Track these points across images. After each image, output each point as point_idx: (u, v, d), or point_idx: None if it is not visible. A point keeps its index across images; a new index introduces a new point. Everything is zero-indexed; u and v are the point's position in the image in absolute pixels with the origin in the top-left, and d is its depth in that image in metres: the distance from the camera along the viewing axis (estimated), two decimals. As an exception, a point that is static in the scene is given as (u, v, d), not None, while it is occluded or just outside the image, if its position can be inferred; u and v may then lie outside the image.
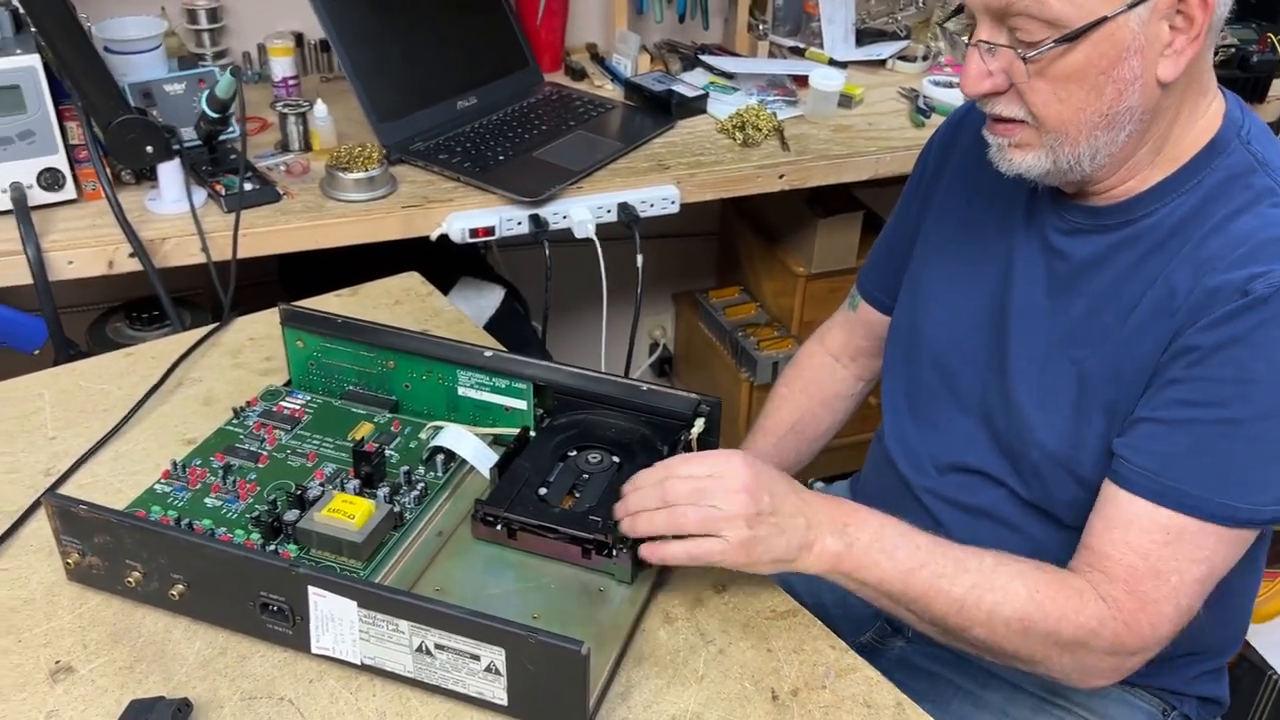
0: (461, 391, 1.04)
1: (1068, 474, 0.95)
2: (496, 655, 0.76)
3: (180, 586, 0.83)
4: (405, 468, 0.97)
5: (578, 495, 0.94)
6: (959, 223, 1.07)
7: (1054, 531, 1.00)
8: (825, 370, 1.28)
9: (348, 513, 0.88)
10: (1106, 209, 0.93)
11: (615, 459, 0.98)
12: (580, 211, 1.49)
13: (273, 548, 0.89)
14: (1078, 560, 0.90)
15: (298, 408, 1.06)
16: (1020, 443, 0.98)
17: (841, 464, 2.22)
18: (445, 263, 1.67)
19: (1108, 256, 0.93)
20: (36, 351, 1.31)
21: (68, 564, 0.87)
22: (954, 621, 0.88)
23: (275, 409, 1.06)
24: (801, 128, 1.75)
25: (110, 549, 0.84)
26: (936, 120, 1.78)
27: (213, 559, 0.81)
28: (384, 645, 0.79)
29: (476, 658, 0.76)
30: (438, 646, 0.77)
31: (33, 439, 1.06)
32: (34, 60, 1.28)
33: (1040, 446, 0.96)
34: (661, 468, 0.86)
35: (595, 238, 1.48)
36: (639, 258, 1.52)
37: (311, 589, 0.78)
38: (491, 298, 1.75)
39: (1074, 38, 0.82)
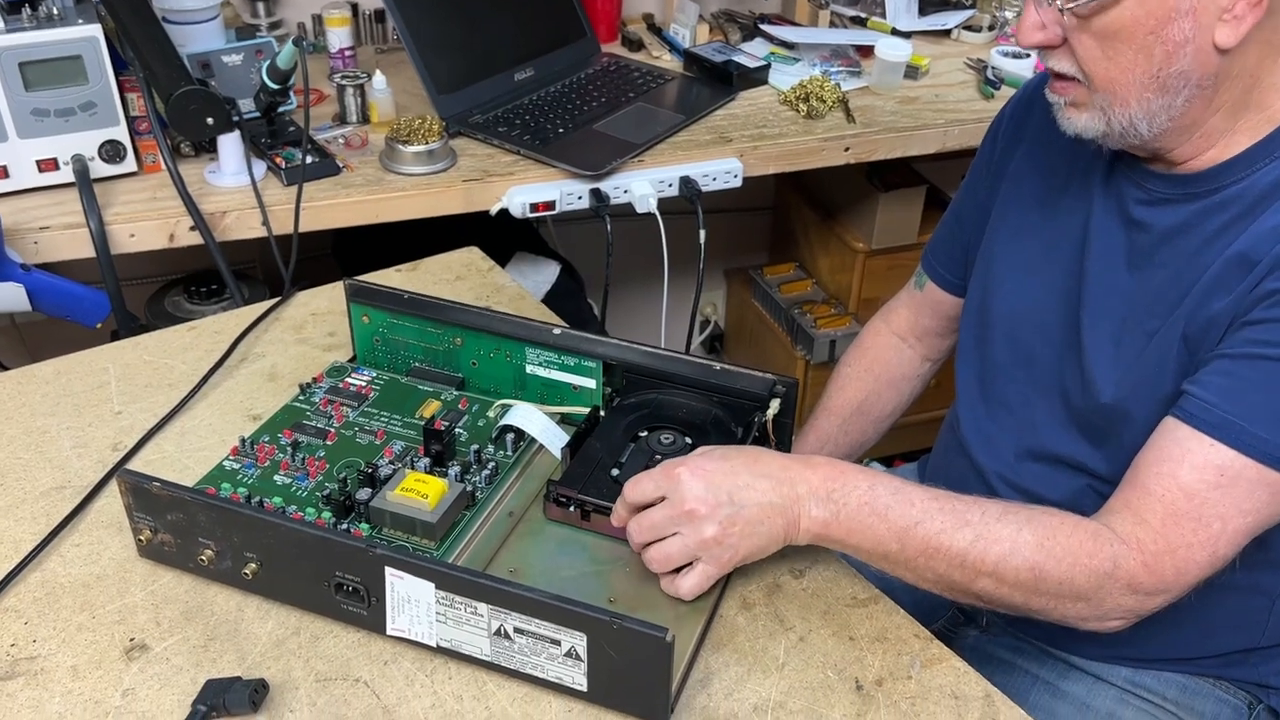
0: (529, 369, 1.02)
1: None
2: (578, 640, 0.74)
3: (253, 565, 0.82)
4: (475, 446, 0.96)
5: None
6: (1033, 199, 1.04)
7: None
8: (891, 350, 1.25)
9: (421, 492, 0.86)
10: (1193, 177, 0.90)
11: (688, 440, 0.95)
12: (642, 185, 1.46)
13: (344, 526, 0.88)
14: (1116, 497, 0.86)
15: (364, 384, 1.04)
16: (1102, 419, 0.95)
17: (902, 444, 2.19)
18: (500, 237, 1.65)
19: (1192, 224, 0.90)
20: (99, 325, 1.31)
21: (139, 541, 0.86)
22: (958, 577, 0.83)
23: (341, 385, 1.04)
24: (866, 99, 1.70)
25: (183, 526, 0.83)
26: (1006, 92, 1.73)
27: (287, 538, 0.80)
28: (461, 628, 0.77)
29: (557, 642, 0.75)
30: (517, 630, 0.75)
31: (99, 413, 1.05)
32: (95, 30, 1.26)
33: (1129, 424, 0.92)
34: (620, 503, 0.85)
35: (657, 212, 1.45)
36: (701, 233, 1.49)
37: (389, 570, 0.77)
38: (547, 273, 1.73)
39: None
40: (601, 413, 0.99)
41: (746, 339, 2.33)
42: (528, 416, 0.97)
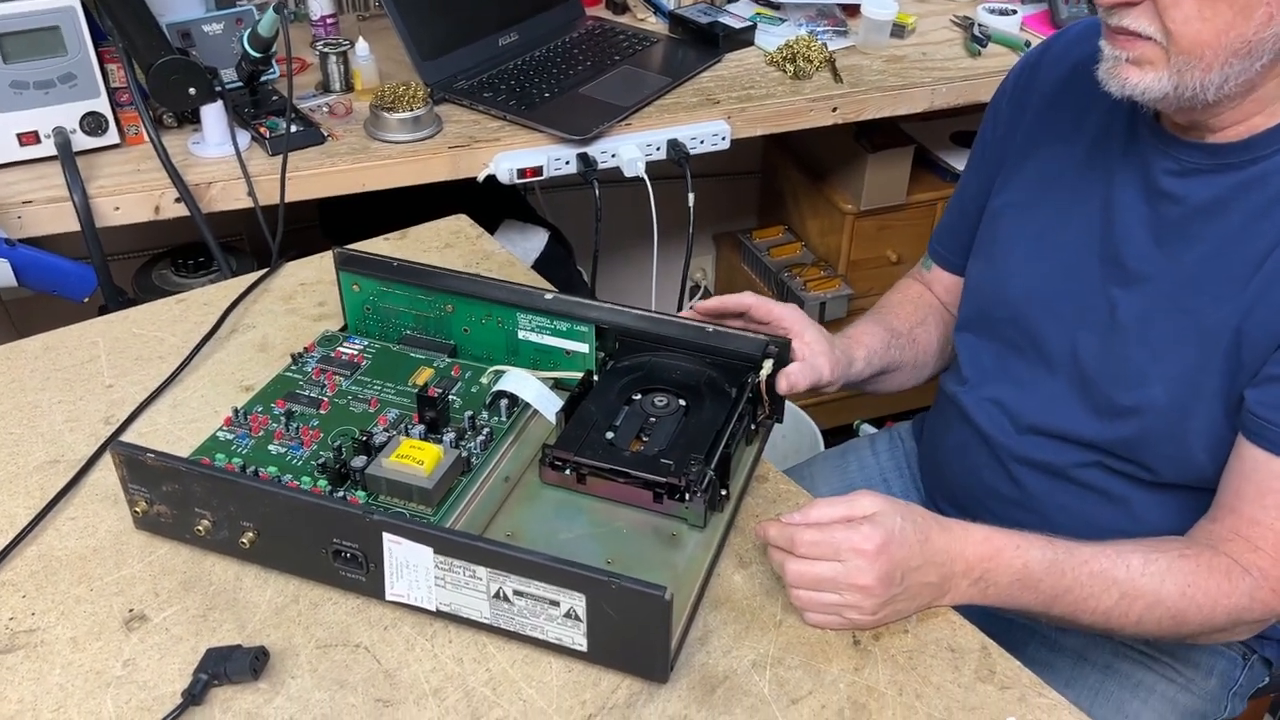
0: (521, 335, 1.02)
1: (1176, 428, 0.91)
2: (576, 601, 0.74)
3: (250, 534, 0.82)
4: (469, 412, 0.96)
5: (645, 439, 0.92)
6: (1040, 174, 1.01)
7: (1141, 492, 0.97)
8: (928, 294, 1.21)
9: (416, 458, 0.86)
10: (1229, 147, 0.87)
11: (682, 402, 0.95)
12: (630, 150, 1.45)
13: (340, 494, 0.88)
14: (1221, 525, 0.88)
15: (356, 353, 1.04)
16: (1127, 398, 0.94)
17: (898, 404, 2.20)
18: (487, 205, 1.64)
19: (1232, 198, 0.87)
20: (86, 299, 1.30)
21: (135, 513, 0.86)
22: (1101, 629, 0.87)
23: (333, 354, 1.04)
24: (853, 59, 1.69)
25: (178, 497, 0.83)
26: (994, 50, 1.72)
27: (284, 506, 0.80)
28: (460, 591, 0.78)
29: (556, 604, 0.75)
30: (516, 593, 0.76)
31: (90, 387, 1.05)
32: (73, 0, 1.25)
33: (1152, 401, 0.92)
34: (786, 535, 0.80)
35: (646, 177, 1.45)
36: (690, 196, 1.48)
37: (386, 535, 0.77)
38: (536, 240, 1.72)
39: None
40: (595, 377, 0.99)
41: (736, 303, 2.33)
42: (521, 382, 0.97)
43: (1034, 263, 1.01)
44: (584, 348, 1.01)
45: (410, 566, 0.78)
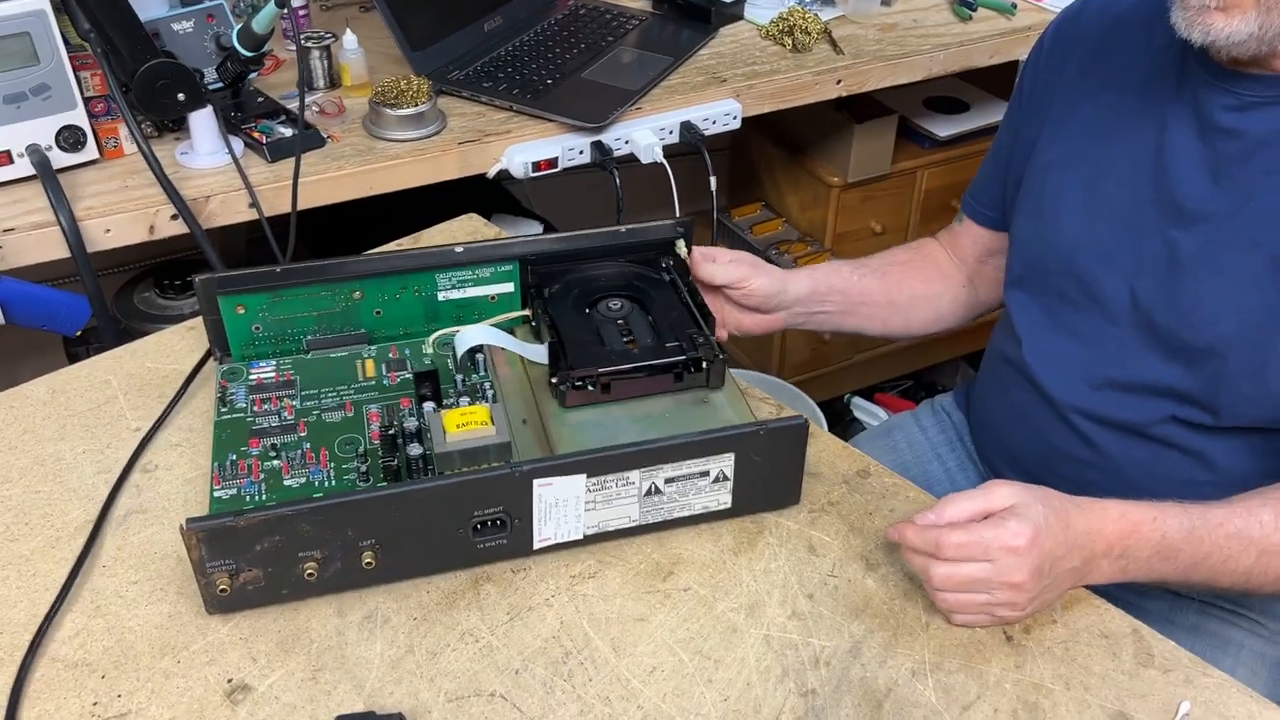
0: (442, 296, 0.98)
1: (1255, 365, 0.90)
2: (725, 463, 0.81)
3: (371, 553, 0.76)
4: (460, 377, 0.93)
5: (629, 338, 0.94)
6: (1088, 123, 1.00)
7: (1214, 440, 0.96)
8: (939, 248, 1.21)
9: (477, 419, 0.83)
10: None
11: (631, 301, 0.97)
12: (644, 135, 1.39)
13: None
14: None
15: (275, 373, 0.94)
16: (1199, 338, 0.93)
17: (879, 373, 2.20)
18: (467, 200, 1.55)
19: None
20: (79, 332, 1.18)
21: (220, 592, 0.75)
22: (1239, 589, 0.85)
23: (256, 382, 0.93)
24: (847, 29, 1.65)
25: (276, 551, 0.75)
26: (984, 14, 1.70)
27: (420, 501, 0.76)
28: (610, 506, 0.81)
29: (705, 473, 0.81)
30: (668, 481, 0.81)
31: (115, 432, 0.95)
32: (43, 2, 1.12)
33: (1227, 339, 0.91)
34: (929, 539, 0.77)
35: (665, 161, 1.38)
36: (712, 180, 1.43)
37: (537, 482, 0.77)
38: (529, 233, 1.64)
39: None
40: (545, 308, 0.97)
41: (715, 284, 2.29)
42: (485, 334, 0.94)
43: (1085, 213, 1.00)
44: (510, 287, 0.99)
45: (560, 504, 0.79)
